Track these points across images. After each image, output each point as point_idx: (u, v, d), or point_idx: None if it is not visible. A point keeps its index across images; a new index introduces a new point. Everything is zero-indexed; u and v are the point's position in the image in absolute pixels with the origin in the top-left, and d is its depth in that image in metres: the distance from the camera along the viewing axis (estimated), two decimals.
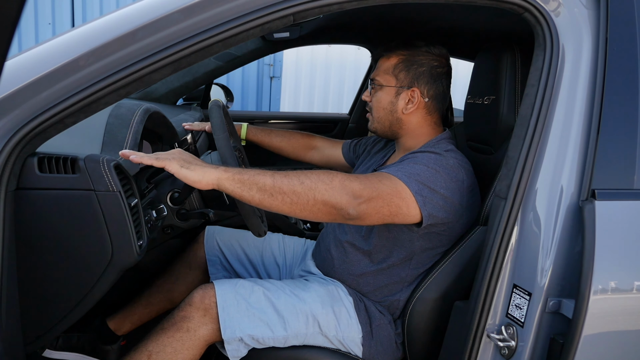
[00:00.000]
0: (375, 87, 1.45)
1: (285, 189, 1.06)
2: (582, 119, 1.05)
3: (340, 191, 1.09)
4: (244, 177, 1.06)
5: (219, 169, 1.07)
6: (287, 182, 1.06)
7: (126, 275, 1.17)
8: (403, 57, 1.41)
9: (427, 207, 1.20)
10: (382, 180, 1.18)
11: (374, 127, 1.48)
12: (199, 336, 1.27)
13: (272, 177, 1.06)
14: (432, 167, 1.24)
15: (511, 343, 1.06)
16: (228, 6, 0.96)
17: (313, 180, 1.08)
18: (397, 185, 1.19)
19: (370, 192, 1.13)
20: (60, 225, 1.02)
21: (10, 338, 0.98)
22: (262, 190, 1.06)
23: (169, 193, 1.51)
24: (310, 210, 1.08)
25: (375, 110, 1.45)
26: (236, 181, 1.05)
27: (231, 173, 1.06)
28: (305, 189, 1.07)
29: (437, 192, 1.22)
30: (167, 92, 2.50)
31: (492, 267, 1.09)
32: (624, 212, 1.03)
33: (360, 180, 1.14)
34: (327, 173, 1.12)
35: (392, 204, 1.17)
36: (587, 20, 1.06)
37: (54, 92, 0.92)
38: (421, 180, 1.21)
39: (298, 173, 1.09)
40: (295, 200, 1.06)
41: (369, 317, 1.37)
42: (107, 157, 1.05)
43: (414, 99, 1.40)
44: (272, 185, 1.05)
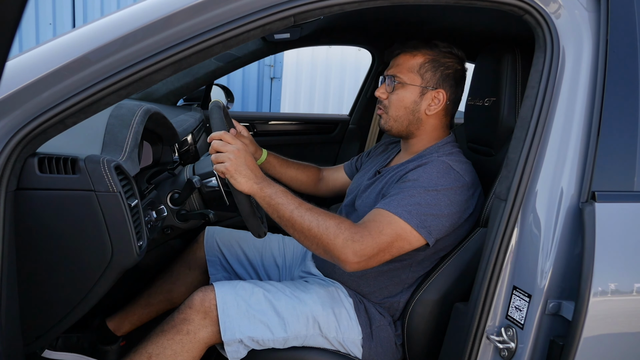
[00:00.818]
0: (395, 84, 1.40)
1: (297, 227, 1.19)
2: (582, 120, 1.05)
3: (341, 249, 1.17)
4: (271, 202, 1.20)
5: (258, 185, 1.20)
6: (300, 222, 1.18)
7: (126, 275, 1.17)
8: (430, 56, 1.38)
9: (432, 234, 1.22)
10: (382, 230, 1.19)
11: (389, 126, 1.43)
12: (199, 338, 1.27)
13: (292, 212, 1.19)
14: (432, 188, 1.24)
15: (511, 345, 1.06)
16: (229, 7, 0.96)
17: (321, 230, 1.17)
18: (397, 228, 1.20)
19: (370, 250, 1.18)
20: (60, 226, 1.02)
21: (9, 338, 0.97)
22: (279, 218, 1.21)
23: (169, 194, 1.51)
24: (315, 250, 1.22)
25: (395, 108, 1.41)
26: (265, 202, 1.21)
27: (265, 194, 1.20)
28: (312, 235, 1.18)
29: (442, 214, 1.23)
30: (167, 92, 2.50)
31: (492, 269, 1.09)
32: (624, 214, 1.03)
33: (363, 240, 1.17)
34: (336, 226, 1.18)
35: (393, 249, 1.21)
36: (588, 22, 1.06)
37: (54, 93, 0.92)
38: (422, 211, 1.21)
39: (313, 216, 1.19)
40: (302, 238, 1.21)
41: (369, 319, 1.37)
42: (108, 158, 1.05)
43: (439, 100, 1.39)
44: (288, 218, 1.19)
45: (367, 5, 1.02)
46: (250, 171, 1.20)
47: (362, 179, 1.56)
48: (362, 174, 1.60)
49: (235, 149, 1.20)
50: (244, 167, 1.20)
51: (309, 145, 3.07)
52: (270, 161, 1.74)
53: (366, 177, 1.54)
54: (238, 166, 1.19)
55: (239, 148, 1.21)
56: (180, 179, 1.55)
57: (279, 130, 3.01)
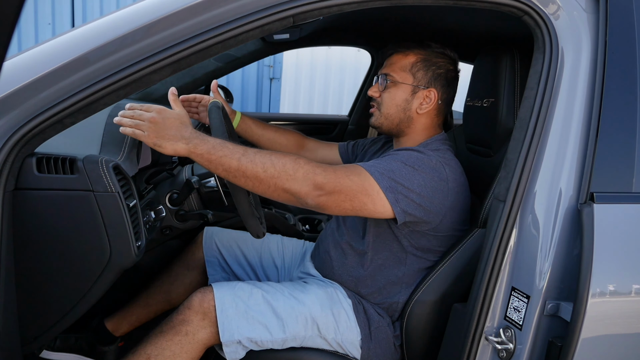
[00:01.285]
0: (387, 82, 1.42)
1: (249, 173, 1.12)
2: (581, 122, 1.05)
3: (302, 182, 1.14)
4: (211, 157, 1.11)
5: (191, 144, 1.11)
6: (252, 167, 1.12)
7: (124, 276, 1.17)
8: (421, 56, 1.41)
9: (400, 204, 1.21)
10: (349, 176, 1.19)
11: (380, 123, 1.44)
12: (197, 339, 1.27)
13: (239, 160, 1.11)
14: (410, 164, 1.24)
15: (509, 346, 1.06)
16: (228, 7, 0.96)
17: (278, 169, 1.13)
18: (365, 181, 1.20)
19: (332, 186, 1.16)
20: (58, 226, 1.02)
21: (8, 339, 0.97)
22: (226, 171, 1.12)
23: (167, 194, 1.51)
24: (271, 194, 1.15)
25: (386, 106, 1.42)
26: (204, 160, 1.12)
27: (201, 151, 1.11)
28: (268, 176, 1.12)
29: (412, 190, 1.22)
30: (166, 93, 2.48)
31: (490, 270, 1.09)
32: (623, 216, 1.03)
33: (326, 173, 1.16)
34: (293, 161, 1.15)
35: (355, 199, 1.19)
36: (587, 23, 1.07)
37: (53, 93, 0.92)
38: (395, 177, 1.22)
39: (265, 157, 1.13)
40: (257, 184, 1.13)
41: (368, 320, 1.37)
42: (106, 158, 1.05)
43: (430, 100, 1.40)
44: (236, 168, 1.12)
45: (366, 5, 1.02)
46: (176, 131, 1.12)
47: None
48: None
49: (149, 115, 1.13)
50: (166, 130, 1.12)
51: None
52: (245, 122, 1.67)
53: None
54: (159, 131, 1.12)
55: (152, 115, 1.13)
56: (179, 179, 1.55)
57: None
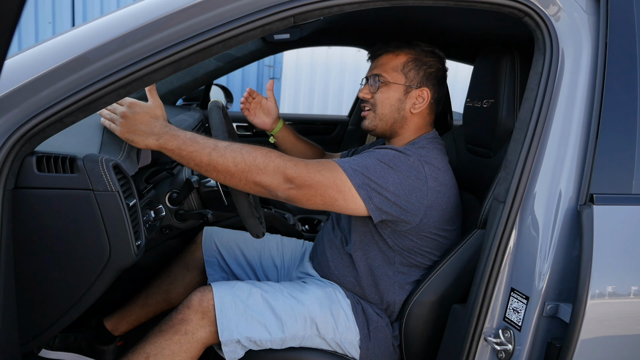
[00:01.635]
0: (379, 83, 1.41)
1: (220, 167, 1.14)
2: (581, 123, 1.05)
3: (272, 175, 1.15)
4: (182, 153, 1.14)
5: (161, 140, 1.13)
6: (222, 161, 1.13)
7: (123, 275, 1.17)
8: (412, 56, 1.41)
9: (373, 201, 1.22)
10: (321, 171, 1.19)
11: (374, 125, 1.44)
12: (196, 339, 1.27)
13: (209, 155, 1.13)
14: (385, 162, 1.24)
15: (508, 347, 1.06)
16: (229, 7, 0.96)
17: (248, 163, 1.14)
18: (337, 177, 1.20)
19: (303, 180, 1.17)
20: (58, 225, 1.02)
21: (7, 337, 0.97)
22: (198, 166, 1.15)
23: (167, 193, 1.51)
24: (242, 187, 1.18)
25: (380, 107, 1.42)
26: (175, 155, 1.15)
27: (171, 147, 1.13)
28: (239, 170, 1.14)
29: (386, 188, 1.22)
30: (166, 92, 2.50)
31: (490, 271, 1.09)
32: (622, 217, 1.03)
33: (297, 167, 1.17)
34: (265, 155, 1.16)
35: (326, 195, 1.20)
36: (587, 25, 1.07)
37: (53, 91, 0.92)
38: (368, 174, 1.22)
39: (236, 151, 1.14)
40: (228, 177, 1.15)
41: (367, 320, 1.37)
42: (106, 157, 1.05)
43: (423, 99, 1.41)
44: (207, 163, 1.14)
45: (366, 6, 1.02)
46: (146, 127, 1.14)
47: None
48: None
49: (120, 110, 1.15)
50: (136, 125, 1.14)
51: None
52: (286, 129, 1.74)
53: None
54: (130, 126, 1.14)
55: (123, 109, 1.14)
56: (179, 178, 1.55)
57: None
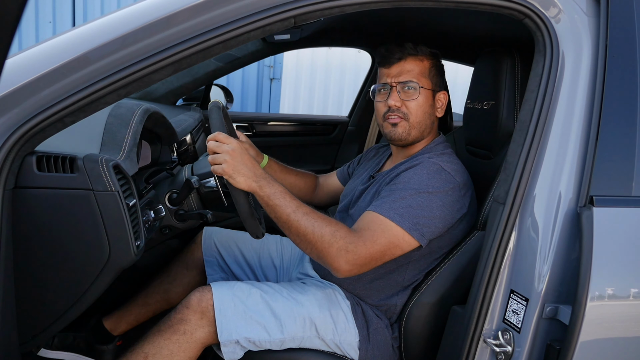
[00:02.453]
0: (411, 90, 1.37)
1: (293, 230, 1.20)
2: (581, 125, 1.05)
3: (334, 257, 1.18)
4: (269, 202, 1.20)
5: (257, 184, 1.19)
6: (296, 226, 1.19)
7: (123, 275, 1.17)
8: (432, 60, 1.42)
9: (425, 236, 1.24)
10: (376, 240, 1.20)
11: (407, 133, 1.39)
12: (195, 339, 1.27)
13: (289, 215, 1.19)
14: (424, 190, 1.25)
15: (508, 348, 1.06)
16: (229, 8, 0.96)
17: (316, 237, 1.18)
18: (390, 235, 1.21)
19: (363, 260, 1.19)
20: (58, 225, 1.01)
21: (6, 337, 0.97)
22: (277, 218, 1.21)
23: (167, 193, 1.51)
24: (308, 254, 1.23)
25: (415, 114, 1.38)
26: (263, 201, 1.20)
27: (264, 193, 1.19)
28: (307, 240, 1.19)
29: (434, 216, 1.24)
30: (166, 92, 2.50)
31: (489, 272, 1.09)
32: (622, 219, 1.03)
33: (356, 250, 1.19)
34: (331, 234, 1.18)
35: (386, 256, 1.23)
36: (587, 26, 1.07)
37: (53, 91, 0.92)
38: (414, 213, 1.23)
39: (310, 221, 1.19)
40: (297, 241, 1.22)
41: (366, 321, 1.37)
42: (106, 157, 1.05)
43: (442, 102, 1.43)
44: (285, 220, 1.20)
45: (367, 7, 1.02)
46: (249, 169, 1.19)
47: (355, 184, 1.56)
48: (356, 179, 1.61)
49: (230, 148, 1.19)
50: (242, 166, 1.18)
51: (308, 147, 3.07)
52: (271, 166, 1.72)
53: (360, 182, 1.54)
54: (236, 166, 1.18)
55: (234, 148, 1.19)
56: (179, 179, 1.55)
57: (278, 131, 3.01)
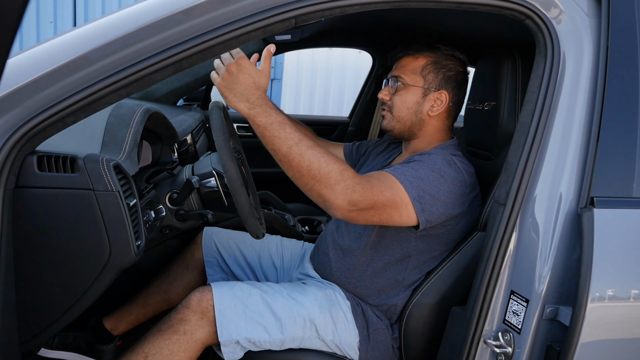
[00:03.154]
0: (397, 85, 1.42)
1: (294, 164, 1.12)
2: (582, 126, 1.05)
3: (339, 195, 1.13)
4: (265, 133, 1.12)
5: (253, 111, 1.12)
6: (298, 160, 1.11)
7: (123, 275, 1.17)
8: (431, 59, 1.41)
9: (425, 213, 1.22)
10: (383, 191, 1.19)
11: (391, 126, 1.45)
12: (195, 339, 1.27)
13: (290, 148, 1.11)
14: (436, 171, 1.25)
15: (508, 349, 1.06)
16: (230, 8, 0.96)
17: (322, 173, 1.12)
18: (396, 194, 1.20)
19: (367, 203, 1.16)
20: (58, 224, 1.02)
21: (6, 336, 0.97)
22: (274, 151, 1.14)
23: (167, 194, 1.51)
24: (304, 191, 1.16)
25: (398, 109, 1.43)
26: (259, 132, 1.13)
27: (258, 123, 1.12)
28: (310, 176, 1.12)
29: (439, 198, 1.23)
30: (167, 92, 2.50)
31: (489, 273, 1.09)
32: (623, 220, 1.03)
33: (364, 190, 1.15)
34: (340, 172, 1.13)
35: (384, 213, 1.20)
36: (589, 28, 1.07)
37: (54, 91, 0.92)
38: (423, 186, 1.22)
39: (316, 156, 1.12)
40: (297, 177, 1.14)
41: (366, 322, 1.37)
42: (107, 157, 1.05)
43: (441, 102, 1.41)
44: (284, 154, 1.12)
45: (368, 8, 1.02)
46: (243, 92, 1.12)
47: None
48: None
49: (229, 62, 1.12)
50: (236, 84, 1.12)
51: None
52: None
53: None
54: (230, 83, 1.12)
55: (232, 65, 1.11)
56: (179, 179, 1.55)
57: None
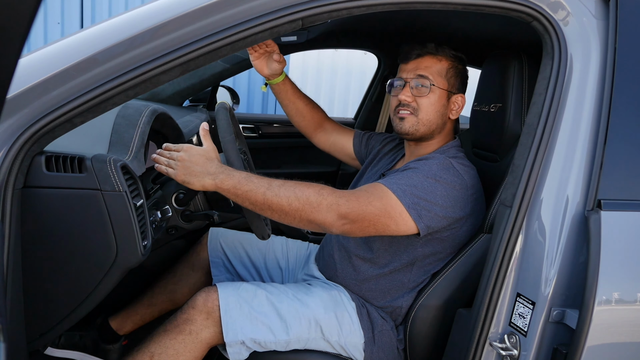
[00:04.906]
0: (423, 87, 1.38)
1: (275, 207, 1.16)
2: (589, 128, 1.04)
3: (326, 213, 1.16)
4: (237, 192, 1.16)
5: (217, 180, 1.16)
6: (277, 200, 1.15)
7: (129, 275, 1.18)
8: (452, 62, 1.42)
9: (423, 220, 1.22)
10: (372, 201, 1.19)
11: (415, 129, 1.39)
12: (201, 339, 1.27)
13: (264, 194, 1.15)
14: (431, 177, 1.25)
15: (514, 352, 1.06)
16: (237, 9, 0.97)
17: (301, 202, 1.16)
18: (387, 203, 1.20)
19: (356, 215, 1.17)
20: (66, 224, 1.02)
21: (14, 335, 0.98)
22: (253, 205, 1.17)
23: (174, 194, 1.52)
24: (297, 225, 1.19)
25: (425, 111, 1.38)
26: (231, 194, 1.17)
27: (227, 186, 1.16)
28: (293, 209, 1.16)
29: (436, 203, 1.23)
30: (173, 93, 2.50)
31: (495, 275, 1.08)
32: (630, 223, 1.03)
33: (349, 202, 1.17)
34: (317, 193, 1.17)
35: (379, 224, 1.21)
36: (596, 30, 1.06)
37: (62, 92, 0.93)
38: (417, 193, 1.22)
39: (289, 190, 1.16)
40: (283, 216, 1.17)
41: (372, 323, 1.37)
42: (114, 157, 1.06)
43: (458, 105, 1.43)
44: (262, 202, 1.16)
45: (375, 9, 1.02)
46: (202, 170, 1.17)
47: (368, 182, 1.56)
48: (369, 177, 1.61)
49: (177, 155, 1.19)
50: (192, 166, 1.17)
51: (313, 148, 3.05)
52: (285, 84, 1.70)
53: (372, 180, 1.54)
54: (186, 169, 1.17)
55: (180, 154, 1.19)
56: None
57: (283, 132, 3.01)
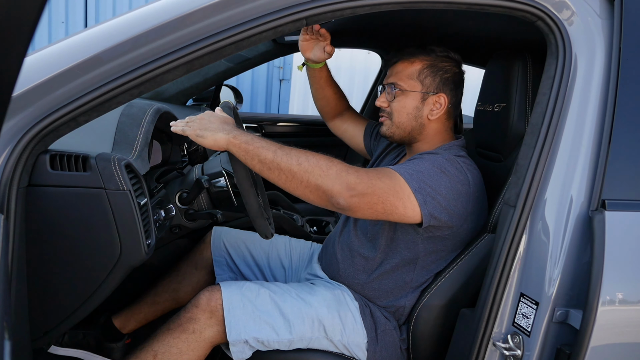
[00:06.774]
0: (395, 91, 1.41)
1: (283, 166, 1.13)
2: (593, 128, 1.04)
3: (334, 180, 1.14)
4: (249, 147, 1.15)
5: (230, 135, 1.16)
6: (286, 160, 1.14)
7: (133, 273, 1.18)
8: (427, 62, 1.41)
9: (427, 206, 1.21)
10: (381, 178, 1.19)
11: (391, 132, 1.44)
12: (204, 338, 1.27)
13: (275, 152, 1.14)
14: (437, 167, 1.25)
15: (517, 352, 1.06)
16: (242, 9, 0.97)
17: (311, 164, 1.14)
18: (396, 183, 1.19)
19: (365, 187, 1.15)
20: (70, 223, 1.03)
21: (18, 333, 0.98)
22: (262, 163, 1.14)
23: (177, 193, 1.52)
24: (302, 191, 1.16)
25: (397, 115, 1.42)
26: (242, 150, 1.15)
27: (239, 141, 1.15)
28: (302, 170, 1.13)
29: (440, 193, 1.22)
30: (177, 92, 2.51)
31: (499, 275, 1.08)
32: (634, 223, 1.02)
33: (358, 174, 1.16)
34: (327, 159, 1.16)
35: (387, 202, 1.18)
36: (601, 29, 1.06)
37: (67, 91, 0.93)
38: (424, 179, 1.21)
39: (300, 153, 1.16)
40: (290, 178, 1.14)
41: (375, 323, 1.37)
42: (118, 156, 1.06)
43: (440, 105, 1.41)
44: (272, 160, 1.14)
45: (378, 9, 1.02)
46: (217, 126, 1.17)
47: None
48: None
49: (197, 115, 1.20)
50: (208, 124, 1.17)
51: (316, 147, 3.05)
52: (322, 71, 1.71)
53: None
54: (201, 124, 1.17)
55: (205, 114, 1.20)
56: (189, 178, 1.56)
57: (287, 131, 3.02)
